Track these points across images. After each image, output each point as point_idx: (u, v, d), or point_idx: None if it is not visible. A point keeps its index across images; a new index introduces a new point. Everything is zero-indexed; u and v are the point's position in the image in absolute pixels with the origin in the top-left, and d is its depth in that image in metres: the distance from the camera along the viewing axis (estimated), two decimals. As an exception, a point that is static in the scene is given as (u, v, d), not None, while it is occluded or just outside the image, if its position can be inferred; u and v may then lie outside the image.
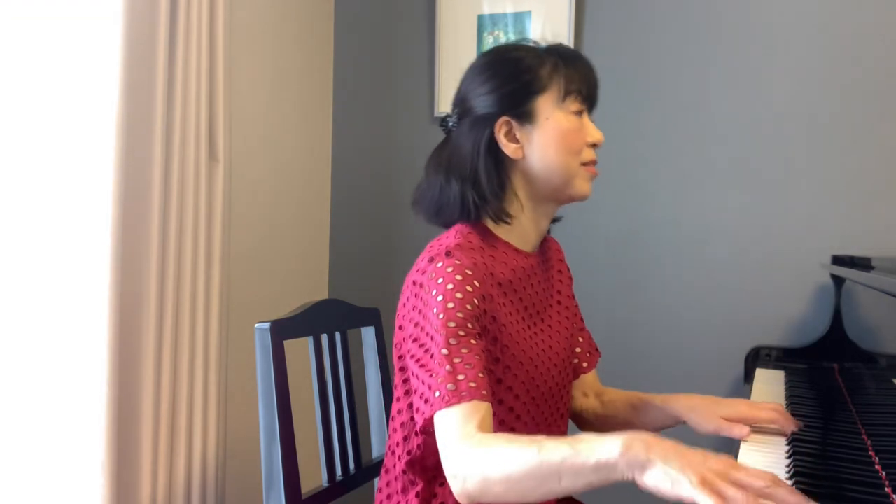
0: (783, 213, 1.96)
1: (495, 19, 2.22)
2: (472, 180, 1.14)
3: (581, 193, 1.17)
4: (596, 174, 1.18)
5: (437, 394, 0.99)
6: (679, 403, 1.25)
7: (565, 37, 2.13)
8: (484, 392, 0.99)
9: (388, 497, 1.19)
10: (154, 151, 1.66)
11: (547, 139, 1.13)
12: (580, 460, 0.87)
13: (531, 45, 1.18)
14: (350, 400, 1.52)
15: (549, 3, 2.15)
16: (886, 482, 0.96)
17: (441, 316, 1.03)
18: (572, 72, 1.15)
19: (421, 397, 1.03)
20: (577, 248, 2.16)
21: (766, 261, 1.97)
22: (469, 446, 0.94)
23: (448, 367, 1.00)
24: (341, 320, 1.53)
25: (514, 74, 1.14)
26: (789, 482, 0.97)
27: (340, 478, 1.46)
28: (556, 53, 1.16)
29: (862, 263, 1.69)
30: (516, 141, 1.14)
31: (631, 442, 0.85)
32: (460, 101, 1.19)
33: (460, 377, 0.99)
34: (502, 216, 1.15)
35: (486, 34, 2.23)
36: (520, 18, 2.19)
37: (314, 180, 2.41)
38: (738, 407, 1.20)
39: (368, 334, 1.61)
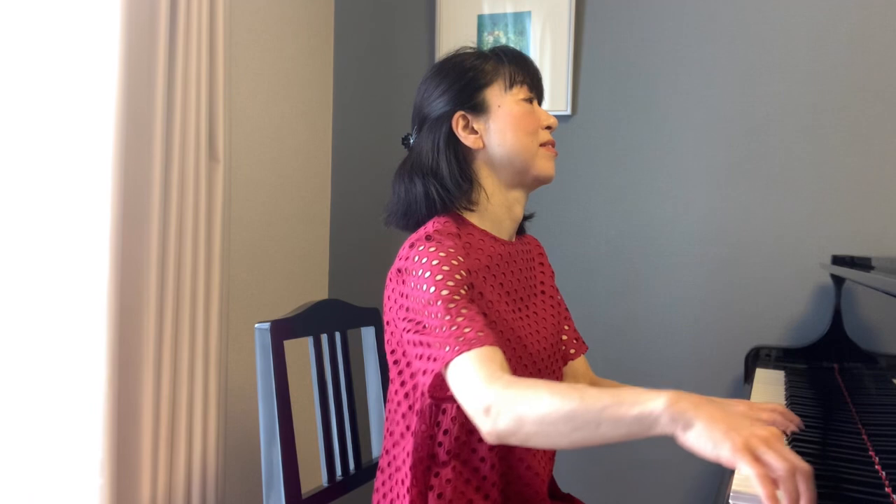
0: (783, 213, 1.96)
1: (495, 19, 2.22)
2: (434, 174, 1.19)
3: (545, 173, 1.21)
4: (555, 154, 1.23)
5: (447, 348, 0.99)
6: None
7: (565, 37, 2.13)
8: (493, 340, 1.00)
9: (384, 496, 1.20)
10: (154, 151, 1.66)
11: (503, 125, 1.19)
12: (623, 409, 0.86)
13: (472, 48, 1.26)
14: (350, 400, 1.52)
15: (549, 3, 2.15)
16: (886, 482, 0.96)
17: (432, 290, 1.05)
18: (515, 66, 1.22)
19: (429, 359, 1.02)
20: (578, 248, 2.16)
21: (766, 261, 1.97)
22: (502, 385, 0.94)
23: (453, 326, 1.01)
24: (341, 320, 1.53)
25: (459, 73, 1.21)
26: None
27: (340, 478, 1.46)
28: (498, 51, 1.24)
29: (862, 263, 1.69)
30: (474, 132, 1.20)
31: (678, 398, 0.84)
32: (417, 114, 1.25)
33: (467, 330, 1.00)
34: (468, 205, 1.19)
35: (486, 34, 2.23)
36: (520, 18, 2.19)
37: (314, 180, 2.41)
38: (736, 408, 1.20)
39: (368, 334, 1.61)
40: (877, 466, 1.03)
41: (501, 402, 0.92)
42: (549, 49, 2.15)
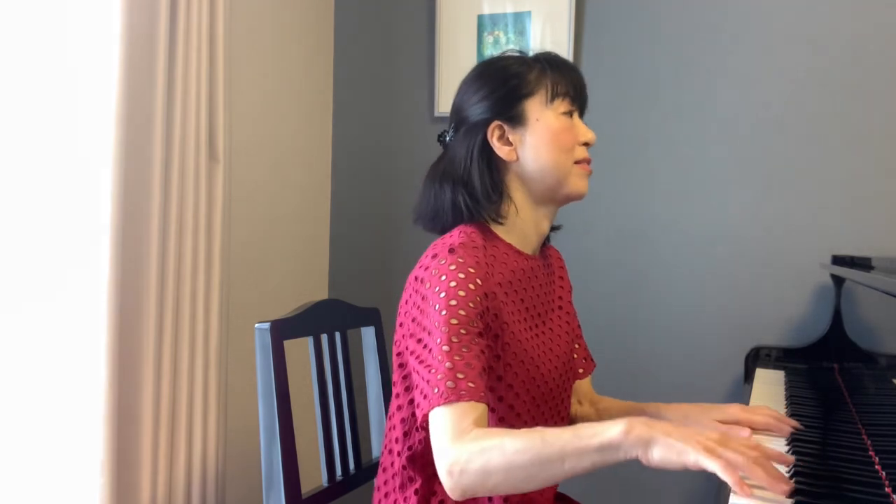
0: (783, 213, 1.96)
1: (495, 19, 2.22)
2: (464, 183, 1.17)
3: (577, 191, 1.19)
4: (590, 172, 1.21)
5: (436, 390, 0.99)
6: (673, 411, 1.27)
7: (565, 37, 2.13)
8: (482, 394, 1.00)
9: (386, 496, 1.20)
10: (154, 151, 1.66)
11: (538, 139, 1.16)
12: (583, 443, 0.90)
13: (519, 54, 1.23)
14: (350, 400, 1.52)
15: (549, 3, 2.15)
16: (886, 482, 0.96)
17: (444, 313, 1.04)
18: (559, 76, 1.19)
19: (420, 393, 1.03)
20: (578, 247, 2.16)
21: (766, 261, 1.97)
22: (467, 440, 0.95)
23: (448, 364, 1.00)
24: (341, 320, 1.53)
25: (502, 80, 1.18)
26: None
27: (340, 478, 1.46)
28: (543, 60, 1.21)
29: (862, 263, 1.69)
30: (509, 144, 1.17)
31: (632, 423, 0.90)
32: (455, 114, 1.22)
33: (460, 375, 1.00)
34: (496, 218, 1.18)
35: (486, 34, 2.23)
36: (520, 18, 2.19)
37: (314, 180, 2.41)
38: (730, 410, 1.23)
39: (368, 334, 1.61)
40: (877, 466, 1.03)
41: (464, 460, 0.94)
42: (548, 49, 2.15)
